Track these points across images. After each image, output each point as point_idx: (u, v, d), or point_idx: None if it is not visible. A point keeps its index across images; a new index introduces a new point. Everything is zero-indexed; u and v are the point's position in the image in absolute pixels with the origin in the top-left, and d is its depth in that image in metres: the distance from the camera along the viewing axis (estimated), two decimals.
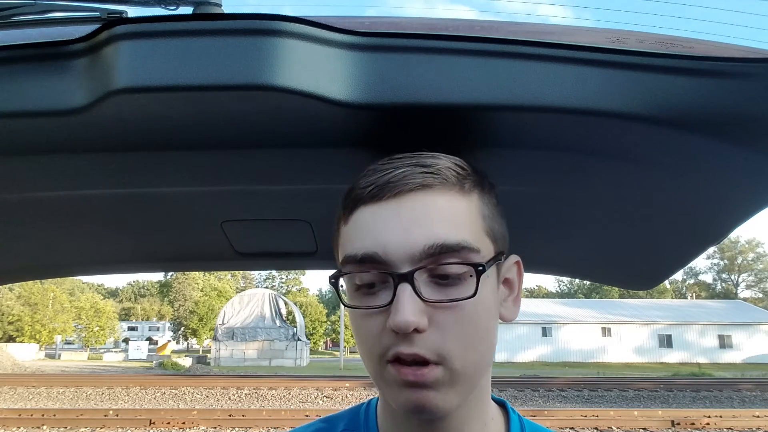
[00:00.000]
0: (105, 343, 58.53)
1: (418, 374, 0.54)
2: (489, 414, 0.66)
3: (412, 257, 0.55)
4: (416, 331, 0.53)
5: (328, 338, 74.68)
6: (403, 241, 0.55)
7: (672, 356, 40.17)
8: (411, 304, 0.53)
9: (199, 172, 0.78)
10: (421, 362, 0.54)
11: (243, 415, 10.81)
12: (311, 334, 59.87)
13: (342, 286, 0.62)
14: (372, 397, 0.75)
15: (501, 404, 0.72)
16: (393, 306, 0.54)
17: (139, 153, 0.71)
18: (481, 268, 0.56)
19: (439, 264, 0.55)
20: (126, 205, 0.88)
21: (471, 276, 0.56)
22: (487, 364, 0.62)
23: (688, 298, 68.00)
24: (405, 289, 0.54)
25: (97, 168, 0.76)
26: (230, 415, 10.81)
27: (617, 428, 10.65)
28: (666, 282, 10.52)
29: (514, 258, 0.67)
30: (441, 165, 0.59)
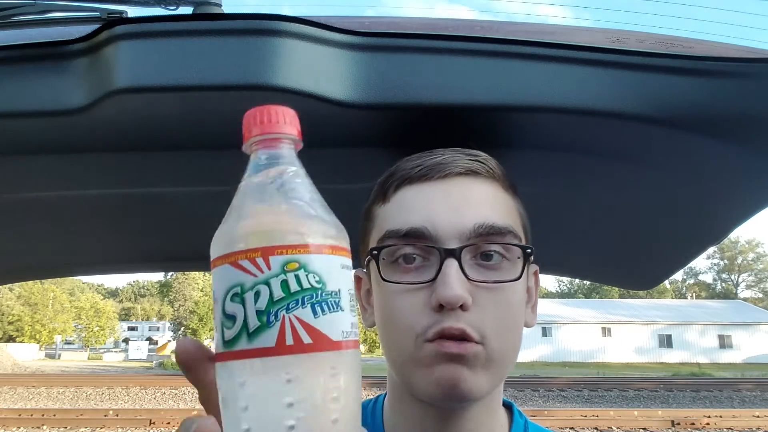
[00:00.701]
0: (105, 343, 58.55)
1: (461, 347, 0.53)
2: (500, 421, 0.66)
3: (461, 234, 0.55)
4: (461, 308, 0.53)
5: None
6: (452, 219, 0.56)
7: (672, 356, 40.17)
8: (459, 278, 0.53)
9: (199, 172, 0.78)
10: (461, 339, 0.54)
11: None
12: None
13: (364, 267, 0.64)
14: (379, 394, 0.73)
15: (507, 406, 0.71)
16: (439, 280, 0.53)
17: (139, 153, 0.71)
18: (529, 250, 0.58)
19: (489, 243, 0.56)
20: (126, 205, 0.88)
21: (519, 258, 0.58)
22: (515, 356, 0.62)
23: (688, 298, 67.99)
24: (452, 264, 0.54)
25: (98, 168, 0.76)
26: None
27: (617, 428, 10.64)
28: (666, 282, 10.53)
29: (534, 267, 0.67)
30: (486, 156, 0.61)
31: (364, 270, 0.66)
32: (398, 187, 0.60)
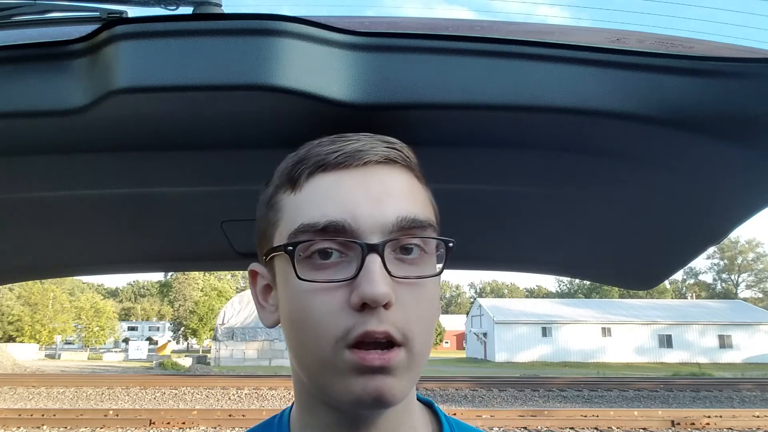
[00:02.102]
0: (105, 343, 58.54)
1: (385, 358, 0.50)
2: (416, 415, 0.63)
3: (383, 228, 0.52)
4: (384, 306, 0.50)
5: None
6: (373, 211, 0.52)
7: (672, 356, 40.16)
8: (383, 275, 0.50)
9: (199, 172, 0.78)
10: (385, 344, 0.50)
11: (243, 415, 10.81)
12: None
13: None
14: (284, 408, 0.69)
15: (428, 404, 0.69)
16: (362, 277, 0.49)
17: (139, 153, 0.71)
18: (451, 244, 0.56)
19: (410, 237, 0.53)
20: (126, 205, 0.88)
21: (439, 252, 0.56)
22: (430, 351, 0.58)
23: (688, 298, 67.98)
24: (375, 260, 0.50)
25: (98, 168, 0.76)
26: (230, 415, 10.80)
27: (617, 428, 10.64)
28: (666, 282, 10.52)
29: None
30: (401, 144, 0.58)
31: (263, 264, 0.61)
32: (311, 174, 0.55)
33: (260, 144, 0.69)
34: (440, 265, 0.56)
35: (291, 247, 0.52)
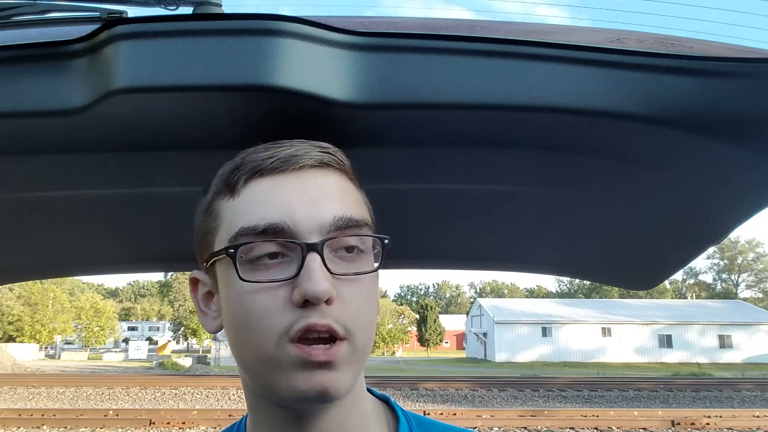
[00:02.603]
0: (105, 343, 58.52)
1: (329, 353, 0.52)
2: (366, 409, 0.64)
3: (321, 228, 0.54)
4: (326, 302, 0.52)
5: None
6: (311, 213, 0.54)
7: (672, 356, 40.17)
8: (323, 273, 0.52)
9: (199, 172, 0.78)
10: (328, 338, 0.53)
11: (243, 415, 10.80)
12: None
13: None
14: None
15: (384, 400, 0.70)
16: (303, 276, 0.52)
17: (139, 153, 0.71)
18: (387, 241, 0.58)
19: (347, 236, 0.56)
20: (126, 205, 0.88)
21: (376, 250, 0.59)
22: (372, 345, 0.60)
23: (688, 298, 67.98)
24: (315, 258, 0.52)
25: (97, 168, 0.76)
26: (230, 415, 10.80)
27: (617, 428, 10.64)
28: (666, 282, 10.53)
29: None
30: (335, 149, 0.60)
31: (204, 271, 0.62)
32: (248, 180, 0.57)
33: (260, 144, 0.69)
34: (377, 263, 0.59)
35: (233, 250, 0.54)
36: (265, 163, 0.56)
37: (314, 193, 0.56)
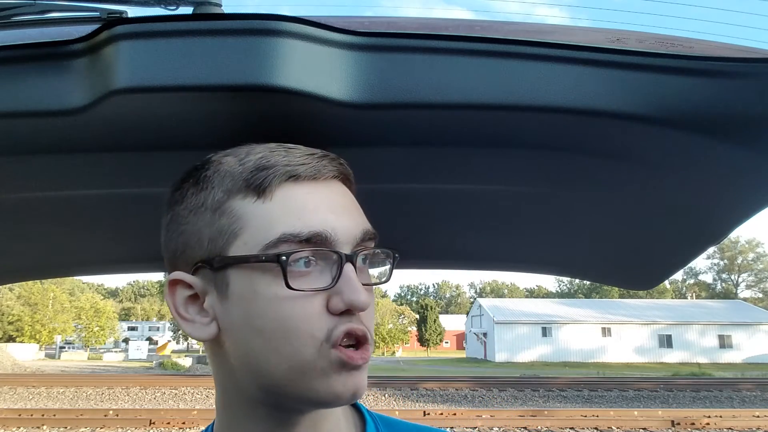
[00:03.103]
0: (105, 343, 58.52)
1: (364, 356, 0.55)
2: (337, 411, 0.65)
3: (354, 239, 0.56)
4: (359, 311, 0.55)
5: None
6: (346, 224, 0.56)
7: (672, 356, 40.17)
8: (359, 282, 0.54)
9: None
10: (355, 344, 0.55)
11: None
12: None
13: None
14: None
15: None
16: (344, 285, 0.54)
17: (139, 153, 0.71)
18: (397, 255, 0.61)
19: (371, 248, 0.58)
20: (126, 205, 0.88)
21: (386, 262, 0.62)
22: None
23: (688, 298, 68.00)
24: (351, 269, 0.54)
25: (97, 168, 0.76)
26: None
27: (617, 428, 10.64)
28: (666, 282, 10.53)
29: None
30: (344, 161, 0.61)
31: (191, 274, 0.58)
32: (281, 183, 0.55)
33: (260, 144, 0.69)
34: (382, 270, 0.62)
35: (285, 257, 0.52)
36: (300, 169, 0.56)
37: (343, 205, 0.58)
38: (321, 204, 0.56)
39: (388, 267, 0.62)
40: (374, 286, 0.60)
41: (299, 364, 0.54)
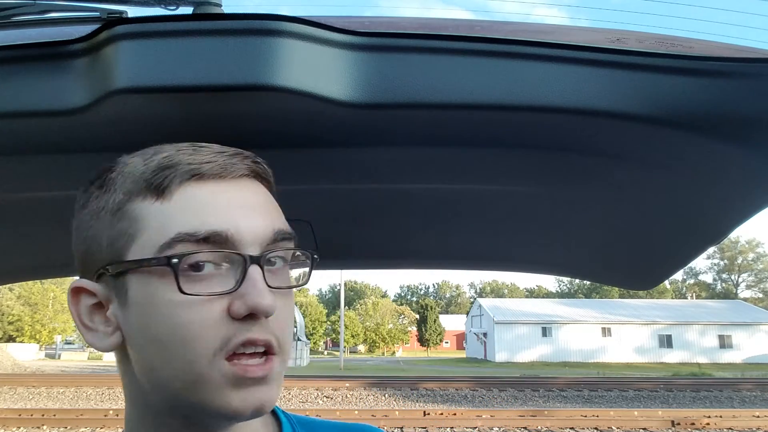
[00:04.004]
0: None
1: (266, 368, 0.51)
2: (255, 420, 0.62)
3: (261, 240, 0.52)
4: (266, 316, 0.51)
5: (328, 338, 74.73)
6: (252, 224, 0.52)
7: (672, 356, 40.17)
8: (265, 285, 0.50)
9: None
10: (263, 353, 0.51)
11: None
12: (311, 334, 59.92)
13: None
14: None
15: None
16: (248, 288, 0.50)
17: None
18: (316, 257, 0.58)
19: (283, 249, 0.55)
20: None
21: (305, 264, 0.58)
22: None
23: (688, 298, 68.00)
24: (257, 271, 0.50)
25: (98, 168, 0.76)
26: None
27: (617, 428, 10.64)
28: (666, 282, 10.53)
29: None
30: (261, 159, 0.58)
31: (95, 281, 0.55)
32: (183, 182, 0.52)
33: (260, 144, 0.69)
34: (301, 272, 0.59)
35: (176, 260, 0.49)
36: (203, 167, 0.53)
37: (252, 204, 0.54)
38: (225, 203, 0.52)
39: (307, 269, 0.58)
40: (295, 289, 0.56)
41: (193, 376, 0.50)
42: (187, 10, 0.64)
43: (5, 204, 0.85)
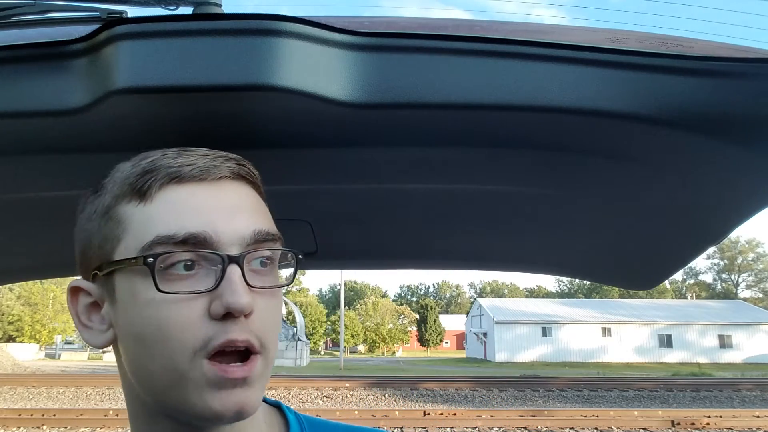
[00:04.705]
0: None
1: (246, 369, 0.51)
2: (259, 416, 0.62)
3: (241, 241, 0.53)
4: (245, 316, 0.51)
5: (328, 338, 74.73)
6: (231, 225, 0.53)
7: (672, 356, 40.17)
8: (243, 285, 0.51)
9: None
10: (244, 353, 0.52)
11: None
12: (311, 334, 59.92)
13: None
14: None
15: (276, 405, 0.69)
16: (225, 288, 0.50)
17: (139, 153, 0.71)
18: (301, 256, 0.59)
19: (265, 249, 0.55)
20: None
21: (290, 264, 0.59)
22: None
23: (688, 298, 68.01)
24: (236, 271, 0.51)
25: (97, 168, 0.75)
26: None
27: (617, 428, 10.64)
28: (666, 282, 10.53)
29: None
30: (247, 161, 0.59)
31: (90, 281, 0.58)
32: (164, 185, 0.54)
33: (260, 144, 0.69)
34: (288, 273, 0.59)
35: (152, 259, 0.51)
36: (183, 170, 0.54)
37: (233, 205, 0.55)
38: (204, 204, 0.53)
39: (292, 269, 0.59)
40: (293, 289, 0.56)
41: (174, 374, 0.51)
42: (187, 10, 0.64)
43: (5, 204, 0.85)
